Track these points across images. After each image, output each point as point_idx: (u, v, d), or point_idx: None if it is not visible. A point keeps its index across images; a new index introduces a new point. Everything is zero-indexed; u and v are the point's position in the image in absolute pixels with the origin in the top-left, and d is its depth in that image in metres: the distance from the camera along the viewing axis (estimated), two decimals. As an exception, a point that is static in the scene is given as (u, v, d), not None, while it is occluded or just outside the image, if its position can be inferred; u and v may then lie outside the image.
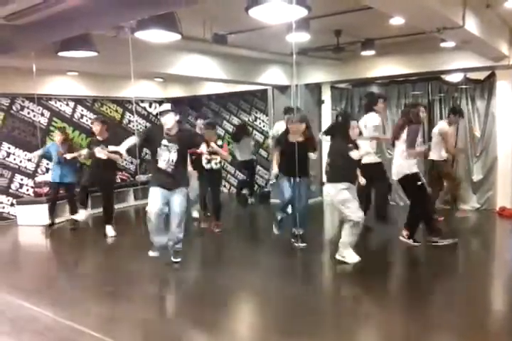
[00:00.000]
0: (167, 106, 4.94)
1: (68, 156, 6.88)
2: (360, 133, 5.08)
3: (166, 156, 4.83)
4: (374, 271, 4.74)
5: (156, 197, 4.82)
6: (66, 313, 3.82)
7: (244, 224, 7.97)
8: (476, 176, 7.56)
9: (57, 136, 7.20)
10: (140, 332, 3.61)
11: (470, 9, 4.39)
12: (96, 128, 6.53)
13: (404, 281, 4.73)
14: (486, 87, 7.40)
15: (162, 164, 4.85)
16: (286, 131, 5.62)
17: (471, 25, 4.54)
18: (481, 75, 7.36)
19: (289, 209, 5.84)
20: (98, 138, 6.55)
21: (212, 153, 6.21)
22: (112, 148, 5.48)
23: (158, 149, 4.84)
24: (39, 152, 7.14)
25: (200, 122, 7.14)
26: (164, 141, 4.83)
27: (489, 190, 7.48)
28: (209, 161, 6.41)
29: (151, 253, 5.09)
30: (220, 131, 10.28)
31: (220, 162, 6.61)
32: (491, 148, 7.40)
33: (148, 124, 10.29)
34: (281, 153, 5.63)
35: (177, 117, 4.88)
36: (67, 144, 7.21)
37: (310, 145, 5.55)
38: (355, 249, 4.88)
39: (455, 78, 7.65)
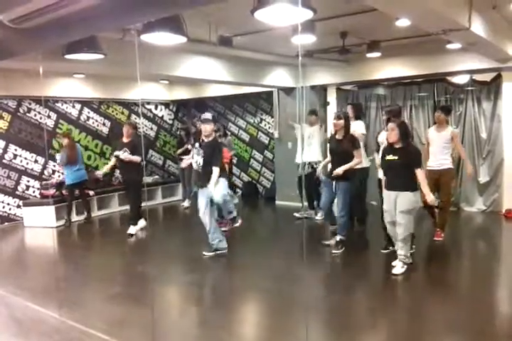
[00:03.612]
0: (208, 115, 5.48)
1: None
2: None
3: (196, 158, 5.39)
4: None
5: (199, 199, 5.41)
6: (73, 315, 3.84)
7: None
8: (483, 178, 7.53)
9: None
10: (148, 335, 3.61)
11: (476, 11, 4.37)
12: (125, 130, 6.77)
13: (406, 284, 4.70)
14: (492, 88, 7.39)
15: (194, 165, 5.44)
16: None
17: (477, 27, 4.53)
18: (487, 77, 7.34)
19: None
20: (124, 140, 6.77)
21: None
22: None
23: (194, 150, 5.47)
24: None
25: None
26: (197, 144, 5.41)
27: (495, 192, 7.45)
28: None
29: (206, 254, 5.45)
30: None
31: None
32: (497, 150, 7.37)
33: (154, 126, 10.34)
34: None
35: (214, 127, 5.48)
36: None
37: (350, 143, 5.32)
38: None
39: (461, 80, 7.63)
